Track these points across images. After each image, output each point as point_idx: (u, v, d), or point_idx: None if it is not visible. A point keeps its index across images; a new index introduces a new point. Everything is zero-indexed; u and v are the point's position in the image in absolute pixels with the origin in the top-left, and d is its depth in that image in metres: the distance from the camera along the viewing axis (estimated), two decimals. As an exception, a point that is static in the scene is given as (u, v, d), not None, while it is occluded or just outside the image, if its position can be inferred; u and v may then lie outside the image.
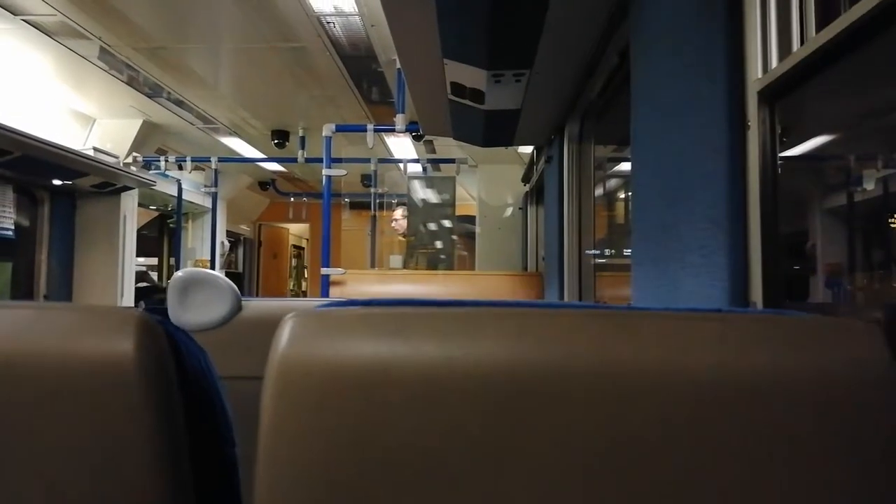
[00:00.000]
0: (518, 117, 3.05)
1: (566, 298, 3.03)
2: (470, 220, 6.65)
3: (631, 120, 1.62)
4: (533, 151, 4.48)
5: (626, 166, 2.62)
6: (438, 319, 0.56)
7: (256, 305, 1.77)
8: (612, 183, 3.17)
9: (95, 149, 5.02)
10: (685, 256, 1.24)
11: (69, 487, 0.56)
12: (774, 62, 0.98)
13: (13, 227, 4.52)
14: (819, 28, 0.88)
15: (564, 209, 3.07)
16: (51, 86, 4.71)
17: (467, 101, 2.81)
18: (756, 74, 1.01)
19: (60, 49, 3.96)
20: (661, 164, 1.40)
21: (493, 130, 3.32)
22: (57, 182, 4.72)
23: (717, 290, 1.12)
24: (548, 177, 3.60)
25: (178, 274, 1.70)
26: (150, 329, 0.56)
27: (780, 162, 1.04)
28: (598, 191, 3.11)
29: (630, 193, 1.75)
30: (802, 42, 0.92)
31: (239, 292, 1.73)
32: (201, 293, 1.69)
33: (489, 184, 5.89)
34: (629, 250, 1.77)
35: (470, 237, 6.43)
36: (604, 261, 3.04)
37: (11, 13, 3.45)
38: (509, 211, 5.88)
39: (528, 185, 5.23)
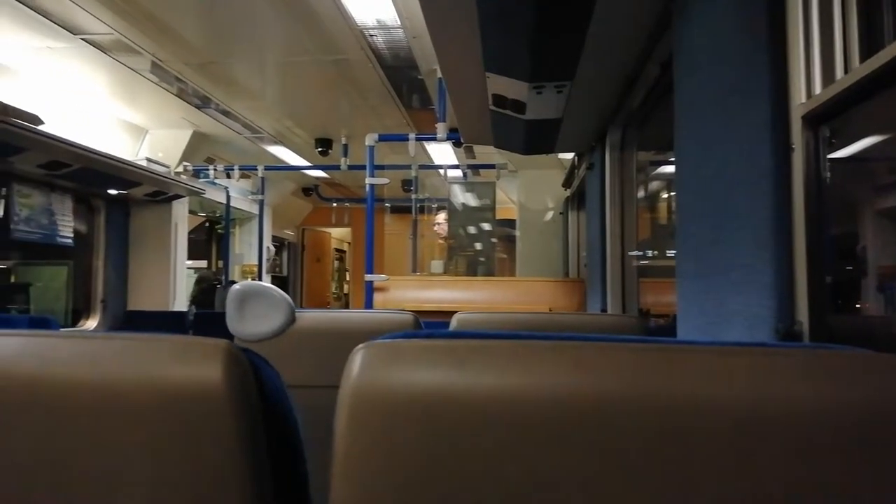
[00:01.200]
0: (559, 126, 3.07)
1: (609, 306, 3.04)
2: (510, 224, 6.67)
3: (675, 136, 1.63)
4: (574, 157, 4.49)
5: (668, 169, 2.62)
6: (498, 351, 0.60)
7: (309, 316, 1.84)
8: (655, 188, 3.17)
9: (148, 159, 5.22)
10: (730, 273, 1.26)
11: (163, 495, 0.62)
12: (818, 87, 0.99)
13: (72, 235, 4.73)
14: (864, 56, 0.89)
15: (607, 216, 3.08)
16: (106, 100, 4.92)
17: (508, 112, 2.84)
18: (800, 98, 1.03)
19: (115, 65, 4.13)
20: (705, 181, 1.41)
21: (535, 139, 3.34)
22: (112, 191, 4.93)
23: (763, 308, 1.13)
24: (589, 183, 3.61)
25: (236, 287, 1.78)
26: (235, 357, 0.62)
27: (828, 164, 1.04)
28: (641, 193, 3.12)
29: (674, 197, 1.76)
30: (847, 68, 0.93)
31: (293, 304, 1.80)
32: (258, 305, 1.77)
33: (529, 189, 5.90)
34: (672, 252, 1.78)
35: (510, 241, 6.46)
36: (647, 262, 3.04)
37: (72, 33, 3.63)
38: (549, 215, 5.89)
39: (568, 190, 5.23)
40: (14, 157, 3.67)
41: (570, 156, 4.67)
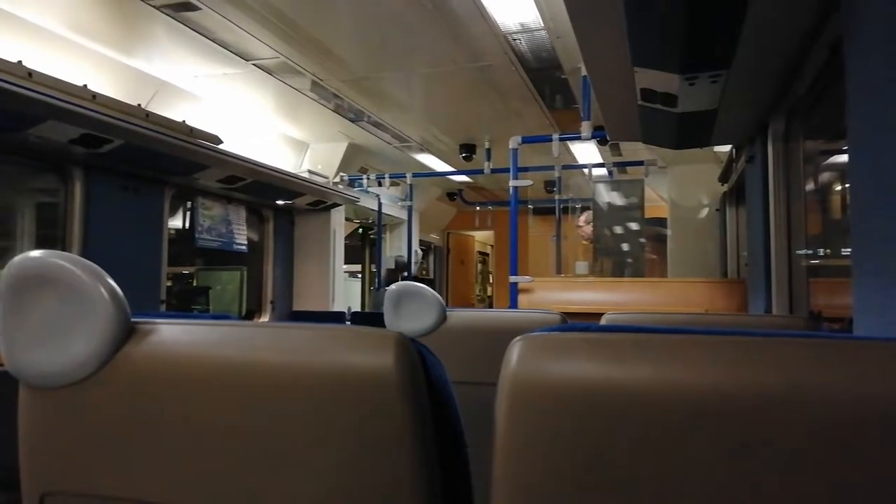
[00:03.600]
0: (714, 118, 2.91)
1: (774, 308, 2.83)
2: (660, 223, 6.40)
3: (847, 123, 1.50)
4: (731, 150, 4.22)
5: (841, 159, 2.39)
6: (657, 345, 0.60)
7: (459, 315, 1.90)
8: (826, 180, 2.90)
9: (310, 171, 5.64)
10: (919, 269, 1.13)
11: (338, 480, 0.69)
12: None
13: (246, 242, 5.24)
14: None
15: (770, 212, 2.87)
16: (272, 118, 5.39)
17: (658, 106, 2.75)
18: None
19: (280, 86, 4.52)
20: (883, 173, 1.29)
21: (687, 132, 3.20)
22: (279, 202, 5.39)
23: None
24: (749, 177, 3.38)
25: (392, 287, 1.88)
26: (405, 347, 0.67)
27: None
28: (809, 186, 2.87)
29: (847, 190, 1.62)
30: None
31: (444, 304, 1.87)
32: (412, 304, 1.86)
33: (681, 185, 5.63)
34: (848, 249, 1.63)
35: (660, 241, 6.19)
36: (817, 262, 2.79)
37: (244, 59, 4.02)
38: (704, 213, 5.58)
39: (726, 184, 4.92)
40: (199, 174, 4.13)
41: (726, 148, 4.40)
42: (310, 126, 5.62)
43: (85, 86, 3.14)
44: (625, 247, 6.09)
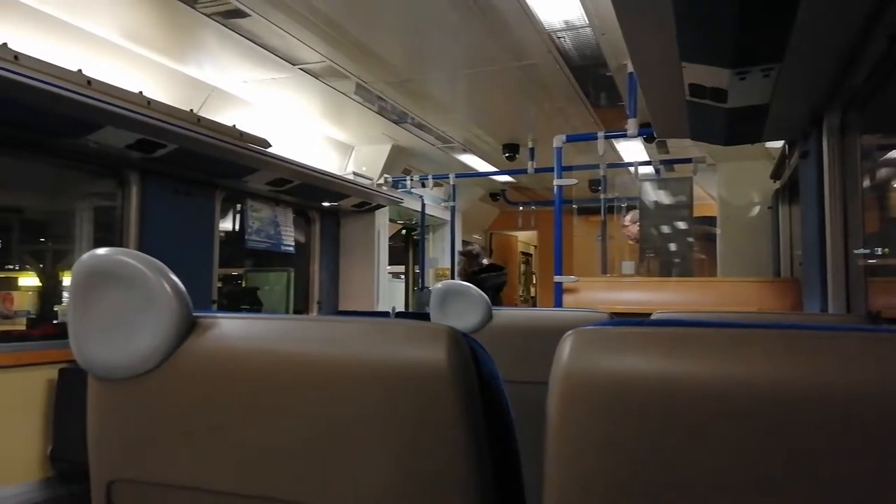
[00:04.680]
0: (766, 113, 2.83)
1: (830, 308, 2.74)
2: (709, 221, 6.26)
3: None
4: (784, 146, 4.10)
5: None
6: (711, 339, 0.59)
7: (505, 314, 1.90)
8: (884, 175, 2.80)
9: (355, 173, 5.71)
10: None
11: (391, 471, 0.70)
12: None
13: (293, 243, 5.34)
14: None
15: (826, 209, 2.78)
16: (317, 121, 5.48)
17: (707, 101, 2.69)
18: None
19: (326, 89, 4.60)
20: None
21: (737, 128, 3.12)
22: (325, 204, 5.47)
23: None
24: (803, 173, 3.28)
25: (438, 286, 1.90)
26: (457, 341, 0.68)
27: None
28: (867, 182, 2.77)
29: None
30: None
31: (490, 302, 1.88)
32: (458, 302, 1.87)
33: (731, 182, 5.50)
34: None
35: (709, 240, 6.06)
36: (876, 261, 2.69)
37: (291, 64, 4.10)
38: (755, 210, 5.43)
39: (778, 181, 4.78)
40: (248, 177, 4.23)
41: (778, 144, 4.27)
42: (354, 128, 5.69)
43: (140, 92, 3.26)
44: (672, 246, 5.98)
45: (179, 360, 0.75)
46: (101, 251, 0.78)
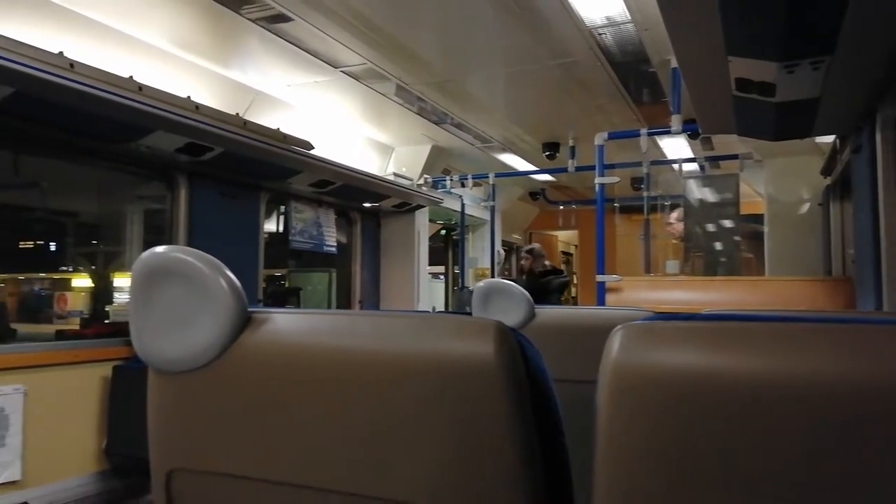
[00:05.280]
0: (816, 107, 2.75)
1: (885, 306, 2.64)
2: (756, 219, 6.11)
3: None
4: (835, 140, 3.98)
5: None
6: (766, 333, 0.58)
7: (547, 313, 1.89)
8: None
9: (395, 174, 5.76)
10: None
11: (441, 464, 0.71)
12: None
13: (335, 244, 5.41)
14: None
15: (880, 204, 2.68)
16: (358, 123, 5.55)
17: (755, 96, 2.63)
18: None
19: (367, 91, 4.65)
20: None
21: (786, 123, 3.04)
22: (366, 204, 5.53)
23: None
24: (856, 168, 3.18)
25: (481, 284, 1.90)
26: (505, 335, 0.68)
27: None
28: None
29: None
30: None
31: (532, 301, 1.87)
32: (500, 301, 1.87)
33: (780, 179, 5.35)
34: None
35: (756, 238, 5.91)
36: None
37: (333, 67, 4.16)
38: (805, 207, 5.27)
39: (829, 177, 4.64)
40: (292, 179, 4.31)
41: (829, 139, 4.15)
42: (395, 129, 5.74)
43: (188, 97, 3.35)
44: (718, 245, 5.85)
45: (235, 354, 0.77)
46: (160, 249, 0.81)
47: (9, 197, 5.23)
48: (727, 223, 5.78)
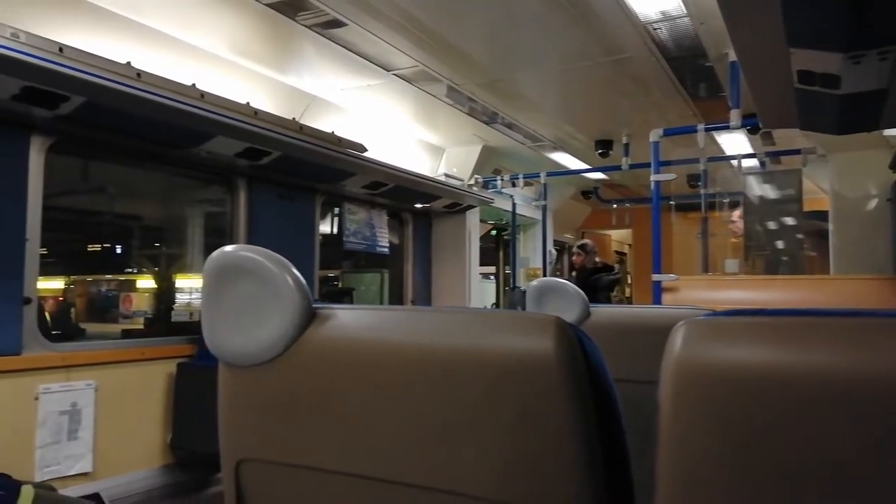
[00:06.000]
0: (884, 98, 2.64)
1: (963, 306, 2.51)
2: (820, 216, 5.88)
3: None
4: (904, 133, 3.80)
5: None
6: (831, 328, 0.57)
7: (604, 311, 1.88)
8: None
9: (446, 175, 5.79)
10: None
11: (502, 459, 0.71)
12: None
13: (388, 244, 5.47)
14: None
15: (955, 199, 2.55)
16: (410, 125, 5.60)
17: (818, 88, 2.54)
18: None
19: (418, 93, 4.69)
20: None
21: (851, 115, 2.92)
22: (418, 205, 5.58)
23: None
24: (928, 161, 3.03)
25: (534, 282, 1.90)
26: (564, 330, 0.69)
27: None
28: None
29: None
30: None
31: (587, 300, 1.86)
32: (555, 299, 1.86)
33: (845, 174, 5.13)
34: None
35: (820, 236, 5.68)
36: None
37: (386, 70, 4.22)
38: (873, 203, 5.04)
39: (897, 172, 4.44)
40: (346, 181, 4.39)
41: (898, 132, 3.97)
42: (445, 130, 5.77)
43: (247, 103, 3.45)
44: (779, 243, 5.66)
45: (301, 348, 0.80)
46: (230, 248, 0.84)
47: (79, 201, 5.50)
48: (789, 220, 5.58)
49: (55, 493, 2.49)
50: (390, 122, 5.43)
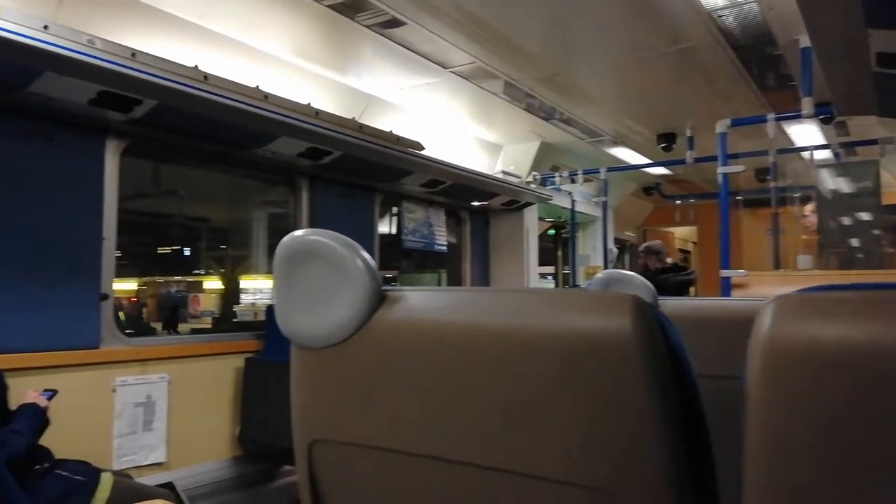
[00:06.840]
0: (975, 78, 2.48)
1: None
2: (899, 210, 5.56)
3: None
4: None
5: None
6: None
7: (671, 304, 1.82)
8: None
9: (504, 172, 5.76)
10: None
11: (576, 442, 0.70)
12: None
13: (446, 243, 5.49)
14: None
15: None
16: (467, 122, 5.59)
17: (900, 70, 2.40)
18: None
19: (475, 90, 4.68)
20: None
21: (937, 99, 2.76)
22: (475, 203, 5.57)
23: None
24: None
25: (599, 275, 1.86)
26: (643, 310, 0.66)
27: None
28: None
29: None
30: None
31: (656, 291, 1.81)
32: (622, 290, 1.82)
33: (928, 164, 4.85)
34: None
35: (900, 230, 5.38)
36: None
37: (443, 67, 4.23)
38: (958, 195, 4.75)
39: None
40: (404, 180, 4.42)
41: None
42: (502, 127, 5.73)
43: (309, 104, 3.52)
44: (854, 239, 5.38)
45: (371, 330, 0.80)
46: (300, 232, 0.86)
47: (149, 204, 5.74)
48: (865, 215, 5.30)
49: (132, 481, 2.60)
50: (447, 121, 5.44)
